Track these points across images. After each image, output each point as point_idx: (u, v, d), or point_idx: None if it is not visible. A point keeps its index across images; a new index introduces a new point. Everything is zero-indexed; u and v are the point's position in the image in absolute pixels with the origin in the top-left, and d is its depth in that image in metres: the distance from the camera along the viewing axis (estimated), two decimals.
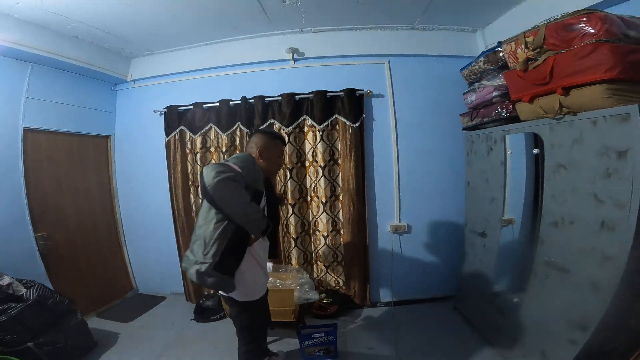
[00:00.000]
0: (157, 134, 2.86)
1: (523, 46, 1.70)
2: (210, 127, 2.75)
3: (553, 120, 1.62)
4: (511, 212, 2.14)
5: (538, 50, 1.63)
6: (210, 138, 2.77)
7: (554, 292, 1.67)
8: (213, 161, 2.77)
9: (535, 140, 1.87)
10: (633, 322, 1.51)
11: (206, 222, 1.38)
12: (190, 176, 2.81)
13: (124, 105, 3.06)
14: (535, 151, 1.86)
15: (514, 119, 1.93)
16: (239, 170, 1.34)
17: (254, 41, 2.72)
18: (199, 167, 2.77)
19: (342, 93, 2.57)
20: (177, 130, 2.77)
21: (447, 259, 2.75)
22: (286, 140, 2.61)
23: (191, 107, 2.75)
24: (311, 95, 2.59)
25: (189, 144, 2.79)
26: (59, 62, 2.47)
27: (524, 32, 1.70)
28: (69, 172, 2.72)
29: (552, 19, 1.56)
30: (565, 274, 1.60)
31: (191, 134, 2.77)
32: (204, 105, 2.73)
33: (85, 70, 2.68)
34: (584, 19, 1.41)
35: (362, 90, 2.59)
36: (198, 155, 2.76)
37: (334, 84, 2.61)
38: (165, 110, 2.80)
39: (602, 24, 1.37)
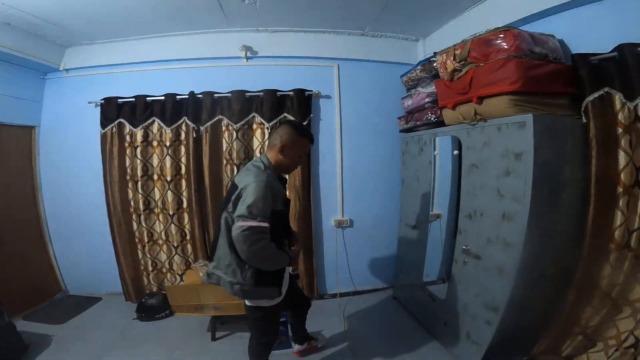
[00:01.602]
0: (91, 126, 2.68)
1: (452, 58, 1.88)
2: (154, 121, 2.64)
3: (469, 125, 1.85)
4: (439, 208, 2.38)
5: (463, 62, 1.81)
6: (152, 132, 2.66)
7: (471, 277, 1.89)
8: (156, 156, 2.67)
9: (459, 143, 2.11)
10: (535, 302, 1.78)
11: (232, 249, 1.37)
12: (129, 170, 2.67)
13: (53, 95, 2.80)
14: (455, 152, 2.10)
15: (441, 123, 2.15)
16: (265, 224, 1.29)
17: (207, 37, 2.67)
18: (139, 160, 2.65)
19: (292, 93, 2.63)
20: (115, 122, 2.62)
21: (386, 251, 2.95)
22: (234, 136, 2.62)
23: (132, 99, 2.62)
24: (262, 93, 2.61)
25: (128, 137, 2.65)
26: None
27: (454, 45, 1.88)
28: None
29: (477, 34, 1.75)
30: (478, 260, 1.83)
31: (131, 127, 2.63)
32: (147, 99, 2.61)
33: (12, 58, 2.43)
34: (501, 35, 1.60)
35: (312, 91, 2.68)
36: (138, 149, 2.64)
37: (285, 84, 2.66)
38: (102, 101, 2.63)
39: (514, 41, 1.57)
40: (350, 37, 2.80)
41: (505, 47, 1.59)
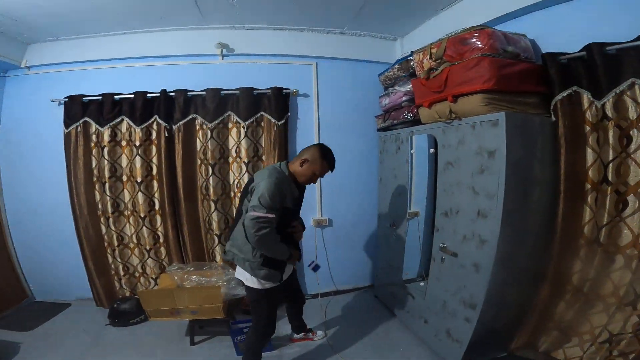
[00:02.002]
0: (55, 125, 2.52)
1: (429, 56, 1.88)
2: (122, 120, 2.51)
3: (445, 124, 1.85)
4: (416, 206, 2.39)
5: (439, 61, 1.81)
6: (121, 131, 2.53)
7: (449, 275, 1.89)
8: (125, 156, 2.54)
9: (435, 141, 2.10)
10: (511, 298, 1.80)
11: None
12: (96, 171, 2.53)
13: (13, 93, 2.63)
14: (431, 151, 2.10)
15: (418, 121, 2.15)
16: (271, 215, 1.51)
17: (182, 34, 2.57)
18: (106, 161, 2.52)
19: (269, 91, 2.56)
20: (81, 121, 2.47)
21: (366, 250, 2.95)
22: (209, 136, 2.53)
23: (99, 97, 2.48)
24: (237, 91, 2.54)
25: (94, 137, 2.51)
26: None
27: (431, 44, 1.87)
28: None
29: (453, 33, 1.75)
30: (455, 257, 1.83)
31: (98, 126, 2.49)
32: (115, 97, 2.48)
33: None
34: (476, 34, 1.61)
35: (289, 89, 2.62)
36: (106, 149, 2.50)
37: (262, 82, 2.60)
38: (66, 99, 2.48)
39: (489, 40, 1.58)
40: (329, 35, 2.77)
41: (480, 45, 1.60)
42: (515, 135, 1.53)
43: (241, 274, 1.69)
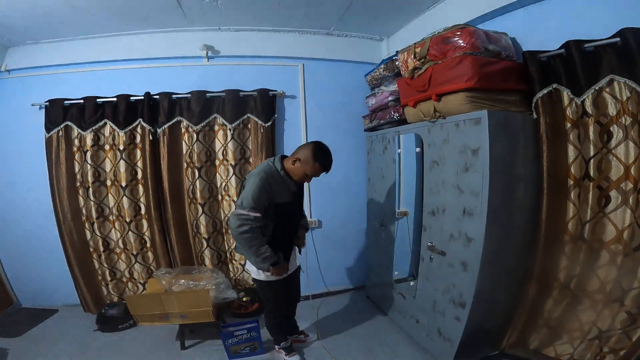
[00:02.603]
0: (36, 130, 2.47)
1: (413, 56, 1.88)
2: (105, 124, 2.47)
3: (430, 123, 1.85)
4: (405, 205, 2.39)
5: (423, 60, 1.82)
6: (104, 135, 2.48)
7: (438, 274, 1.89)
8: (108, 161, 2.50)
9: (421, 141, 2.10)
10: (500, 296, 1.80)
11: None
12: (79, 176, 2.48)
13: None
14: (417, 150, 2.10)
15: (404, 121, 2.15)
16: (255, 214, 1.55)
17: (165, 36, 2.53)
18: (89, 166, 2.47)
19: (255, 93, 2.54)
20: (62, 125, 2.42)
21: (356, 251, 2.94)
22: (194, 138, 2.50)
23: (81, 101, 2.43)
24: (223, 93, 2.51)
25: (76, 141, 2.45)
26: None
27: (415, 43, 1.88)
28: None
29: (436, 32, 1.75)
30: (443, 256, 1.83)
31: (80, 131, 2.44)
32: (98, 100, 2.43)
33: None
34: (458, 32, 1.62)
35: (276, 90, 2.61)
36: (89, 154, 2.45)
37: (249, 84, 2.58)
38: (47, 103, 2.43)
39: (470, 38, 1.59)
40: (315, 36, 2.75)
41: (462, 44, 1.60)
42: (497, 133, 1.53)
43: (250, 267, 1.78)
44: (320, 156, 1.66)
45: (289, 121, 2.74)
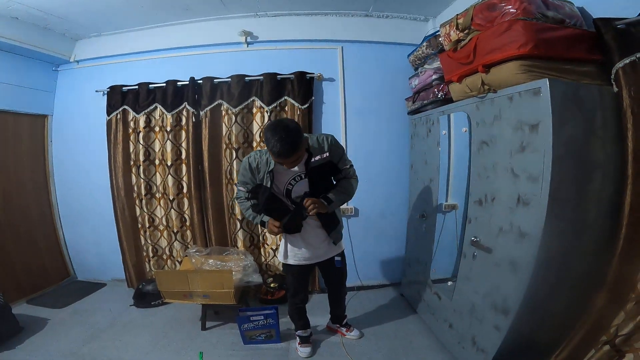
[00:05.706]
0: (99, 113, 2.74)
1: (455, 27, 1.70)
2: (156, 107, 2.65)
3: (478, 98, 1.63)
4: (455, 198, 2.15)
5: (467, 31, 1.63)
6: (155, 117, 2.67)
7: (481, 274, 1.65)
8: (157, 141, 2.69)
9: (469, 120, 1.86)
10: (557, 308, 1.51)
11: None
12: (132, 155, 2.70)
13: (65, 85, 2.92)
14: (464, 130, 1.87)
15: (449, 100, 1.94)
16: (241, 188, 1.73)
17: (206, 24, 2.65)
18: (141, 146, 2.67)
19: (292, 76, 2.53)
20: (120, 109, 2.67)
21: (394, 243, 2.75)
22: (233, 120, 2.56)
23: (136, 87, 2.65)
24: (261, 77, 2.54)
25: (131, 124, 2.68)
26: None
27: (457, 14, 1.69)
28: (1, 151, 2.58)
29: (480, 0, 1.56)
30: (489, 254, 1.59)
31: (134, 114, 2.66)
32: (150, 86, 2.63)
33: (25, 51, 2.56)
34: None
35: (313, 73, 2.56)
36: (141, 135, 2.66)
37: (287, 68, 2.57)
38: (108, 89, 2.69)
39: (521, 3, 1.37)
40: (353, 18, 2.65)
41: (512, 10, 1.39)
42: (564, 107, 1.27)
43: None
44: (268, 142, 1.38)
45: (327, 104, 2.67)
